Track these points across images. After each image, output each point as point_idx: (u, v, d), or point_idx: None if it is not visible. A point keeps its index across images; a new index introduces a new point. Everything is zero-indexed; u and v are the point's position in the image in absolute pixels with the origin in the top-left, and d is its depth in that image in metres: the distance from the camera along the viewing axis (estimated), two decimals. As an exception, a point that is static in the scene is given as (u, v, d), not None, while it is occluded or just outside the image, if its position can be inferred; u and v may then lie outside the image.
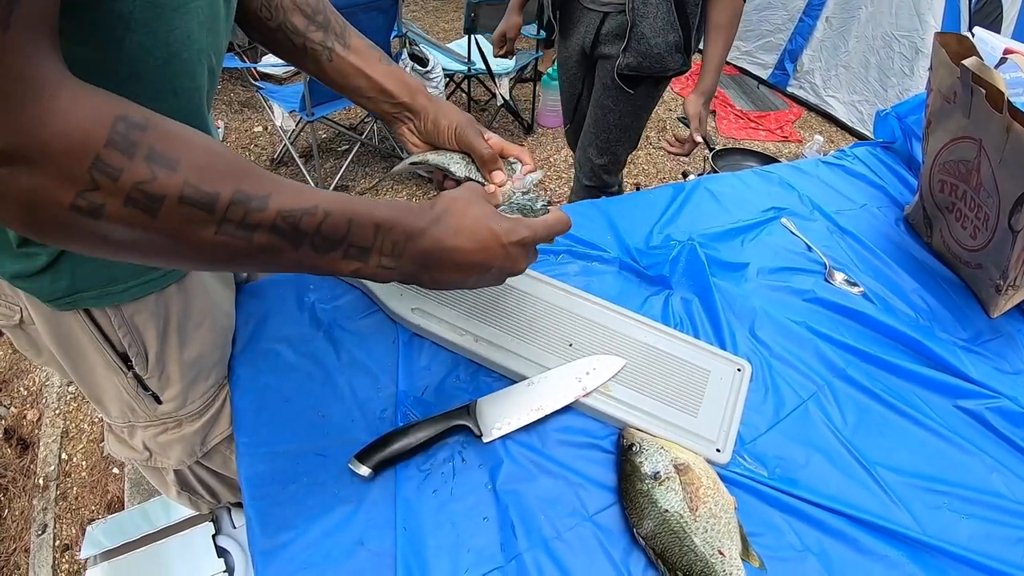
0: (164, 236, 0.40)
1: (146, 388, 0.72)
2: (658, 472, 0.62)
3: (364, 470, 0.61)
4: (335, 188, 3.16)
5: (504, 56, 2.00)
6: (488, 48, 3.30)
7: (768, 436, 0.72)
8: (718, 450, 0.67)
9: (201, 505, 0.91)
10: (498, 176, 0.71)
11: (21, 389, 2.44)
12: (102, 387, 0.71)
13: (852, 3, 3.54)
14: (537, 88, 3.61)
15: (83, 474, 2.12)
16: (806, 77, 3.90)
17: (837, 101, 3.74)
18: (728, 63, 4.20)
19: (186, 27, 0.52)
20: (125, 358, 0.68)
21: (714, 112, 3.81)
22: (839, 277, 0.95)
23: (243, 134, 3.74)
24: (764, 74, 4.13)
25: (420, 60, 2.78)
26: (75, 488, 2.06)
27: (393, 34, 2.85)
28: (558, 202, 3.09)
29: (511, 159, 0.73)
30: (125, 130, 0.36)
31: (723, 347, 0.80)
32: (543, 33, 3.24)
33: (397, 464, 0.64)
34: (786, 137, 3.61)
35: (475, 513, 0.61)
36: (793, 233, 1.03)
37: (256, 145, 3.67)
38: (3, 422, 2.33)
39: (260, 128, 3.69)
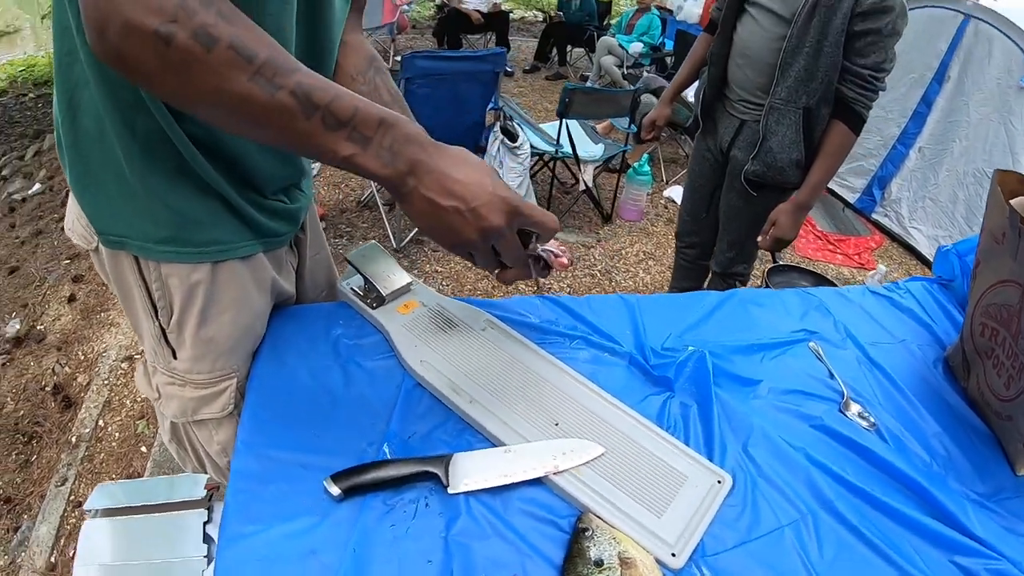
0: (210, 72, 0.50)
1: (167, 340, 0.84)
2: (602, 560, 0.63)
3: (335, 490, 0.67)
4: (411, 240, 3.31)
5: (649, 141, 2.29)
6: (577, 133, 3.45)
7: (734, 553, 0.70)
8: (673, 554, 0.67)
9: (186, 463, 1.01)
10: None
11: (79, 353, 2.63)
12: (140, 325, 0.85)
13: (947, 135, 3.49)
14: (622, 180, 3.70)
15: (113, 444, 2.25)
16: (892, 205, 3.83)
17: (921, 234, 3.65)
18: None
19: (279, 20, 0.67)
20: (156, 308, 0.81)
21: None
22: (854, 409, 0.93)
23: (338, 171, 3.98)
24: (851, 198, 4.09)
25: (510, 135, 2.93)
26: (103, 454, 2.20)
27: (490, 106, 3.04)
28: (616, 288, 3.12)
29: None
30: None
31: (710, 457, 0.80)
32: (634, 127, 3.35)
33: (368, 493, 0.69)
34: (863, 264, 3.53)
35: (422, 555, 0.65)
36: (818, 358, 1.02)
37: (347, 185, 3.90)
38: (56, 378, 2.53)
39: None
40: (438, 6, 7.63)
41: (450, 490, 0.70)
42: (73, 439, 2.22)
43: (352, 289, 1.00)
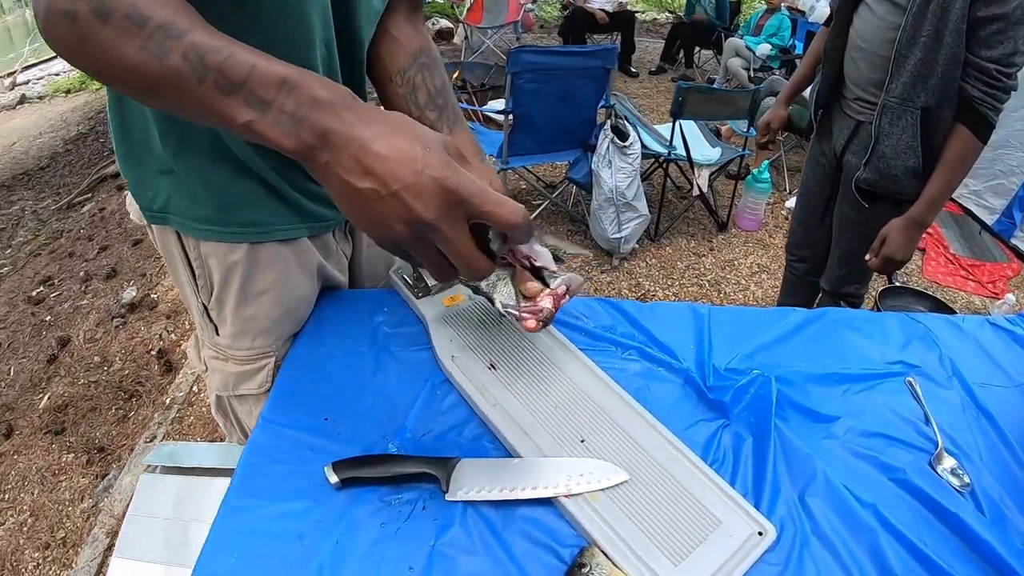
0: (106, 44, 0.48)
1: (209, 316, 0.86)
2: None
3: (333, 478, 0.65)
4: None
5: (764, 146, 2.16)
6: (693, 135, 3.28)
7: None
8: (687, 612, 0.58)
9: (231, 434, 1.02)
10: (532, 286, 0.66)
11: (186, 323, 2.83)
12: (188, 299, 0.87)
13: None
14: (740, 187, 3.48)
15: (203, 409, 2.39)
16: None
17: (1067, 264, 3.15)
18: (954, 200, 3.74)
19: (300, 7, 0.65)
20: (197, 284, 0.83)
21: (923, 250, 3.39)
22: (947, 463, 0.78)
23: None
24: (989, 219, 3.60)
25: (620, 133, 2.83)
26: (192, 418, 2.34)
27: (601, 104, 2.95)
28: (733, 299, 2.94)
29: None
30: None
31: (757, 502, 0.69)
32: (753, 131, 3.14)
33: (367, 486, 0.67)
34: (996, 294, 3.10)
35: (404, 559, 0.61)
36: (915, 397, 0.87)
37: (459, 180, 3.96)
38: (161, 343, 2.73)
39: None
40: (563, 5, 7.58)
41: (447, 496, 0.65)
42: (167, 400, 2.38)
43: (402, 277, 0.97)
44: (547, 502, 0.67)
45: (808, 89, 1.97)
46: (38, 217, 4.05)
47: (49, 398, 2.48)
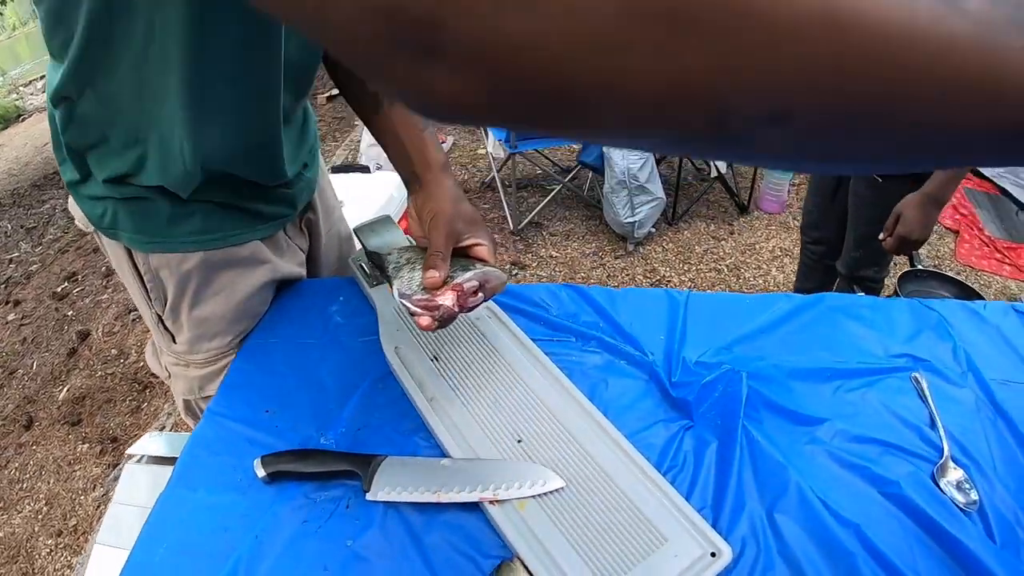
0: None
1: (164, 326, 0.85)
2: None
3: (261, 472, 0.64)
4: (529, 223, 3.23)
5: None
6: None
7: None
8: (611, 645, 0.50)
9: None
10: (432, 274, 0.63)
11: None
12: (141, 309, 0.86)
13: None
14: (761, 168, 3.33)
15: None
16: None
17: (1110, 247, 2.90)
18: (990, 180, 3.52)
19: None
20: (150, 296, 0.81)
21: (956, 232, 3.18)
22: (953, 475, 0.67)
23: (467, 152, 4.01)
24: None
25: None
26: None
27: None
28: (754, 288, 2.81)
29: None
30: None
31: (716, 518, 0.60)
32: None
33: (293, 481, 0.66)
34: None
35: (319, 559, 0.59)
36: (920, 396, 0.76)
37: (475, 166, 3.90)
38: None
39: (483, 151, 3.90)
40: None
41: (368, 496, 0.63)
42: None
43: (359, 265, 0.91)
44: (473, 507, 0.62)
45: None
46: (68, 215, 4.15)
47: (68, 390, 2.54)
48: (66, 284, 3.30)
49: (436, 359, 0.75)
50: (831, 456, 0.68)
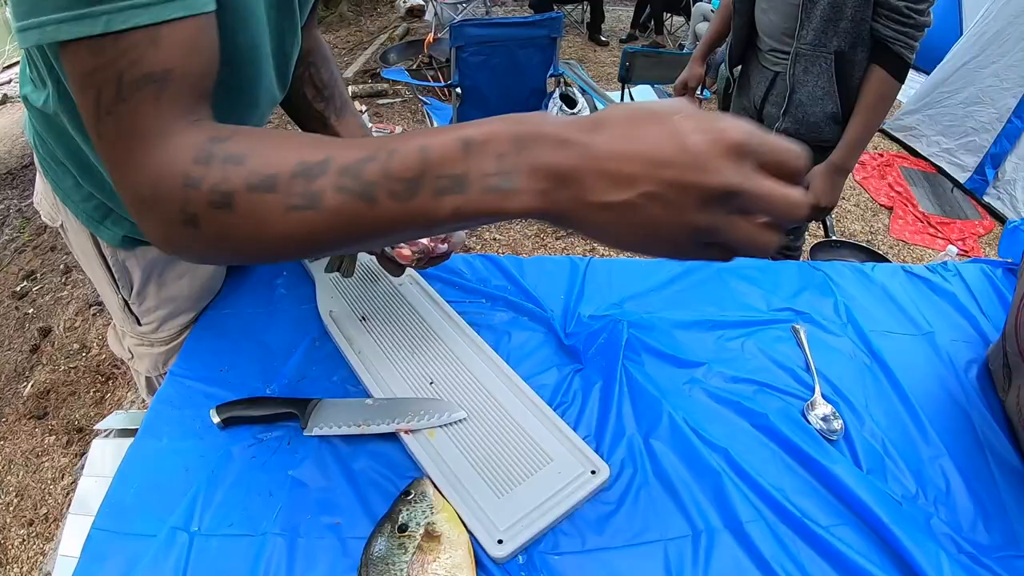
0: (246, 228, 0.41)
1: (130, 310, 0.89)
2: (406, 525, 0.58)
3: (216, 418, 0.72)
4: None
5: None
6: (643, 99, 3.25)
7: (583, 557, 0.59)
8: (500, 541, 0.58)
9: None
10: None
11: None
12: (106, 296, 0.89)
13: (1072, 106, 2.91)
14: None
15: None
16: (1006, 187, 3.26)
17: (1037, 221, 3.07)
18: (926, 159, 3.70)
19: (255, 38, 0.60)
20: (117, 283, 0.85)
21: (890, 209, 3.34)
22: (821, 410, 0.76)
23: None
24: (962, 177, 3.52)
25: (569, 101, 2.81)
26: None
27: (550, 73, 2.93)
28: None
29: None
30: (207, 145, 0.41)
31: (598, 444, 0.68)
32: (707, 93, 3.09)
33: (243, 425, 0.73)
34: (967, 252, 3.03)
35: (265, 487, 0.67)
36: (798, 344, 0.86)
37: (428, 146, 3.97)
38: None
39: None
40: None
41: (305, 432, 0.71)
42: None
43: None
44: (393, 438, 0.70)
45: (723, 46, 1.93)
46: (23, 215, 4.07)
47: (32, 385, 2.55)
48: (25, 283, 3.27)
49: (364, 319, 0.84)
50: (707, 393, 0.76)
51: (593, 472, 0.64)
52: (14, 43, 7.94)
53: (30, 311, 3.09)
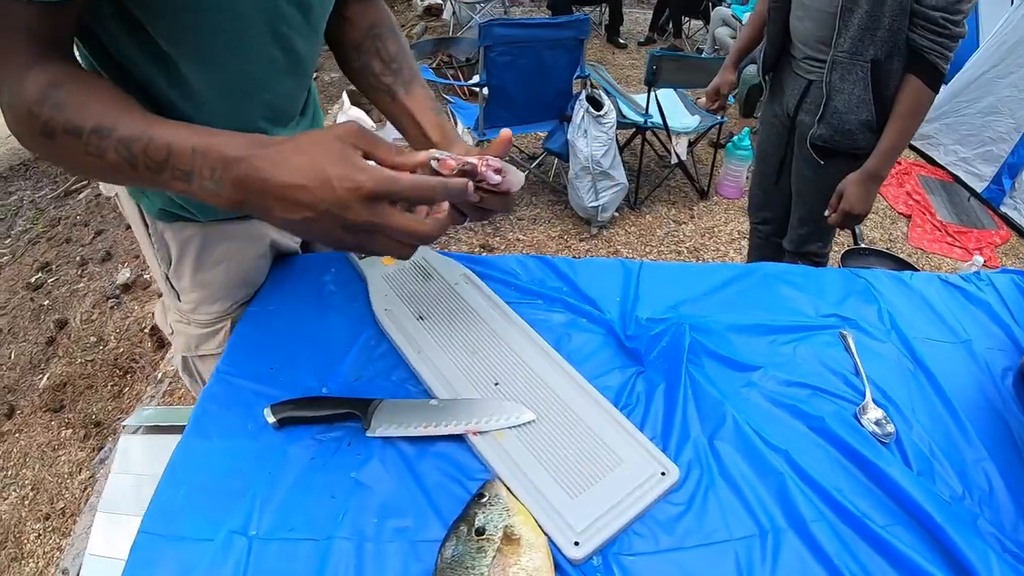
0: (61, 155, 0.58)
1: (171, 284, 0.92)
2: (484, 528, 0.58)
3: (271, 418, 0.71)
4: (498, 208, 3.32)
5: (715, 112, 2.12)
6: (668, 103, 3.26)
7: (658, 558, 0.60)
8: (576, 543, 0.59)
9: (196, 391, 1.05)
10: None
11: None
12: (152, 266, 0.94)
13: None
14: (719, 154, 3.45)
15: None
16: (1022, 197, 3.30)
17: (1054, 231, 3.11)
18: (943, 168, 3.72)
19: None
20: (157, 254, 0.89)
21: (908, 217, 3.37)
22: (873, 413, 0.77)
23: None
24: (979, 187, 3.56)
25: (595, 103, 2.81)
26: (182, 390, 2.39)
27: (576, 74, 2.94)
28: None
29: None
30: (45, 90, 0.55)
31: (664, 445, 0.69)
32: (732, 98, 3.11)
33: (301, 425, 0.72)
34: (990, 262, 3.05)
35: (327, 489, 0.66)
36: (847, 350, 0.87)
37: (443, 153, 3.97)
38: (155, 321, 2.81)
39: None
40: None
41: (368, 433, 0.70)
42: (159, 375, 2.44)
43: None
44: (459, 439, 0.70)
45: (756, 51, 1.94)
46: (36, 206, 4.08)
47: (48, 378, 2.54)
48: (40, 274, 3.27)
49: (422, 318, 0.83)
50: (764, 396, 0.78)
51: (663, 473, 0.66)
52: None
53: (45, 303, 3.09)
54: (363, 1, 0.87)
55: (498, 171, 0.61)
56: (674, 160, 3.26)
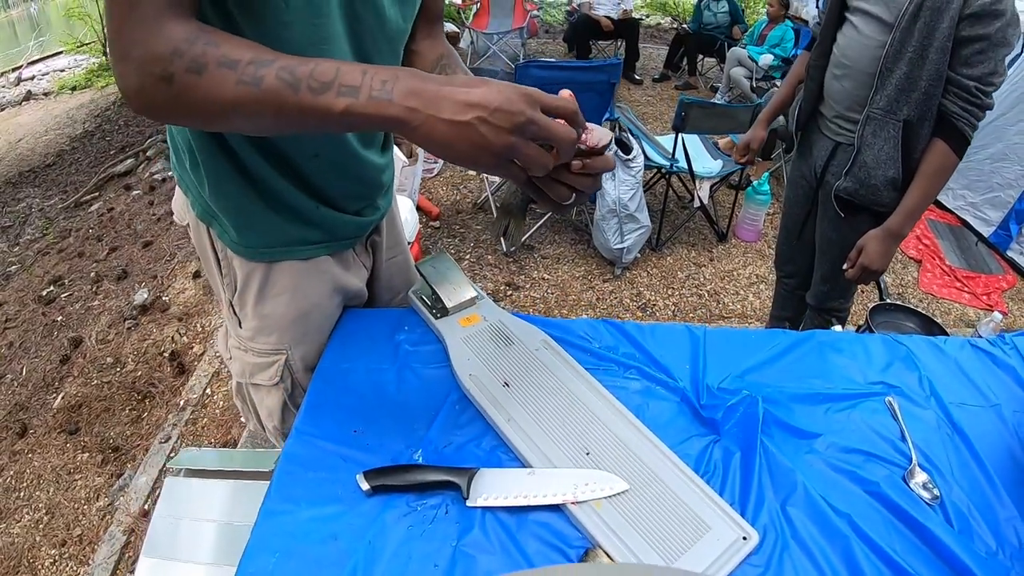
0: (204, 90, 0.58)
1: (234, 310, 0.96)
2: None
3: (365, 485, 0.73)
4: (521, 246, 3.36)
5: (745, 164, 2.24)
6: (695, 147, 3.35)
7: None
8: (678, 607, 0.66)
9: (248, 418, 1.13)
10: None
11: (198, 325, 2.86)
12: (218, 290, 0.97)
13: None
14: (739, 197, 3.55)
15: (216, 411, 2.43)
16: None
17: (1060, 278, 3.23)
18: (951, 212, 3.83)
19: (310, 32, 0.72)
20: (223, 280, 0.93)
21: (919, 262, 3.47)
22: (919, 478, 0.86)
23: (458, 173, 4.09)
24: (986, 231, 3.67)
25: (624, 147, 2.90)
26: (205, 419, 2.38)
27: (605, 117, 3.03)
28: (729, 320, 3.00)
29: None
30: (197, 32, 0.58)
31: (743, 511, 0.77)
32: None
33: (394, 492, 0.74)
34: (991, 306, 3.17)
35: (430, 558, 0.69)
36: (893, 416, 0.95)
37: (465, 187, 3.98)
38: (174, 345, 2.76)
39: (474, 172, 4.05)
40: (568, 12, 7.63)
41: (468, 503, 0.73)
42: (181, 402, 2.44)
43: (420, 298, 1.05)
44: (556, 508, 0.74)
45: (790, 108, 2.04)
46: (45, 215, 4.07)
47: (63, 398, 2.52)
48: (52, 288, 3.24)
49: (507, 384, 0.88)
50: (826, 463, 0.86)
51: (745, 538, 0.73)
52: (38, 40, 7.98)
53: (59, 318, 3.06)
54: (431, 37, 0.96)
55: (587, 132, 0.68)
56: (697, 204, 3.35)
